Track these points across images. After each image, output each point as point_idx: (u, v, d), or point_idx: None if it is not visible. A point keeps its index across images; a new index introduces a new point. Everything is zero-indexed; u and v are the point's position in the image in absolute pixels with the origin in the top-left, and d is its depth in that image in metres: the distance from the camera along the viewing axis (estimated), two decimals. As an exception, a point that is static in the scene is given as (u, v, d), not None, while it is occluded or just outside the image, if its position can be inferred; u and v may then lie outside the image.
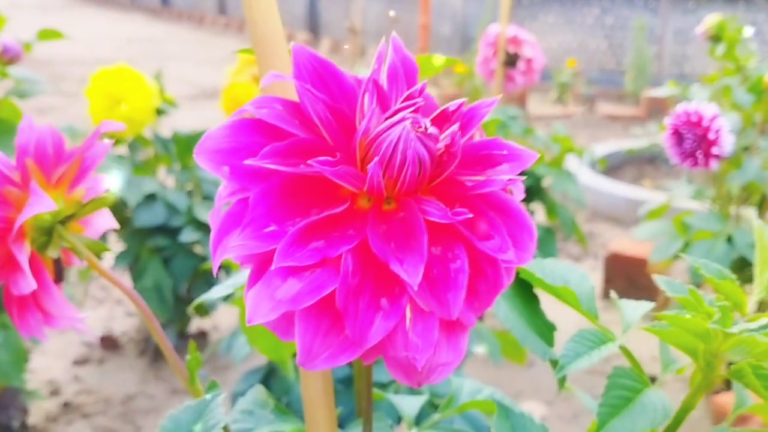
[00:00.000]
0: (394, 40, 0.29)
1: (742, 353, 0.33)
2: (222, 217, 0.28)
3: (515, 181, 0.28)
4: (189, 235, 1.35)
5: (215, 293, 0.43)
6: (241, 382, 0.93)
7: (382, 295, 0.26)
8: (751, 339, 0.31)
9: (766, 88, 1.20)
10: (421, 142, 0.26)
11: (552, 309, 0.44)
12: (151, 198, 1.36)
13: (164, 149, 1.41)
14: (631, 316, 0.40)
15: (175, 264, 1.38)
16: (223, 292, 0.43)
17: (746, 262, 1.13)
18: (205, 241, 1.37)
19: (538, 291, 0.41)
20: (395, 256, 0.26)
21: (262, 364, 0.97)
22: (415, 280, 0.25)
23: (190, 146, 1.40)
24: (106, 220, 0.41)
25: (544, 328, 0.38)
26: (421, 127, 0.27)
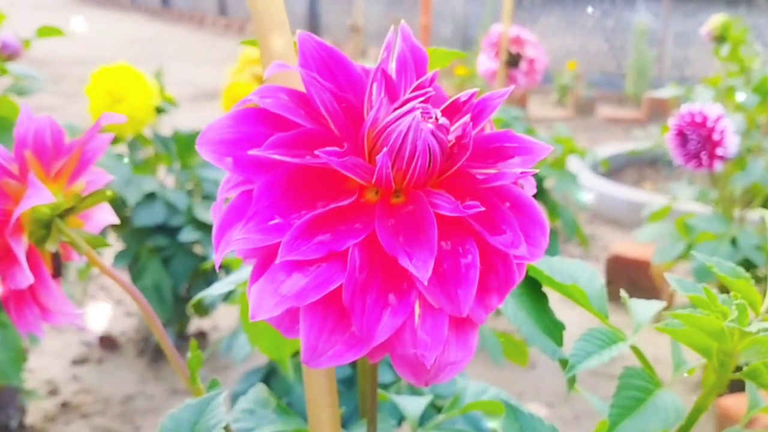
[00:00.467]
0: (403, 29, 0.29)
1: (758, 353, 0.32)
2: (225, 210, 0.27)
3: (528, 174, 0.27)
4: (189, 235, 1.34)
5: (216, 289, 0.43)
6: (241, 382, 0.92)
7: (390, 291, 0.26)
8: (768, 339, 0.31)
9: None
10: (431, 133, 0.26)
11: (555, 310, 0.44)
12: (150, 197, 1.35)
13: (164, 148, 1.40)
14: (642, 315, 0.39)
15: (175, 264, 1.37)
16: (224, 288, 0.42)
17: (751, 264, 1.13)
18: (205, 240, 1.36)
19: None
20: (404, 250, 0.25)
21: (262, 365, 0.96)
22: (424, 274, 0.24)
23: (191, 145, 1.39)
24: (106, 215, 0.40)
25: (553, 327, 0.37)
26: (432, 118, 0.26)
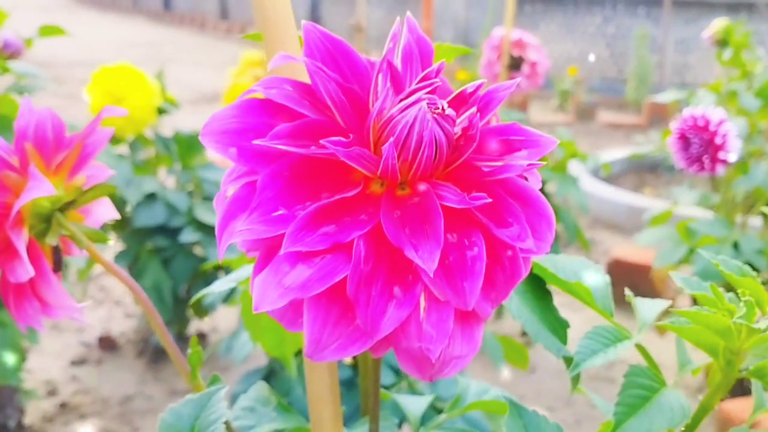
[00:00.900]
0: (409, 20, 0.28)
1: (766, 351, 0.31)
2: (228, 202, 0.27)
3: (534, 166, 0.27)
4: (189, 236, 1.33)
5: (217, 287, 0.42)
6: (241, 383, 0.92)
7: (395, 283, 0.25)
8: (776, 336, 0.30)
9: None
10: (437, 124, 0.25)
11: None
12: (151, 198, 1.35)
13: (165, 149, 1.39)
14: (647, 314, 0.38)
15: (175, 265, 1.37)
16: (225, 285, 0.42)
17: (753, 269, 1.12)
18: (205, 241, 1.35)
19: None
20: (410, 241, 0.25)
21: (261, 366, 0.96)
22: (431, 266, 0.24)
23: (192, 146, 1.39)
24: (106, 210, 0.40)
25: (557, 325, 0.37)
26: (438, 108, 0.25)
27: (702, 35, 1.31)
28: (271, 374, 0.92)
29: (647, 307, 0.39)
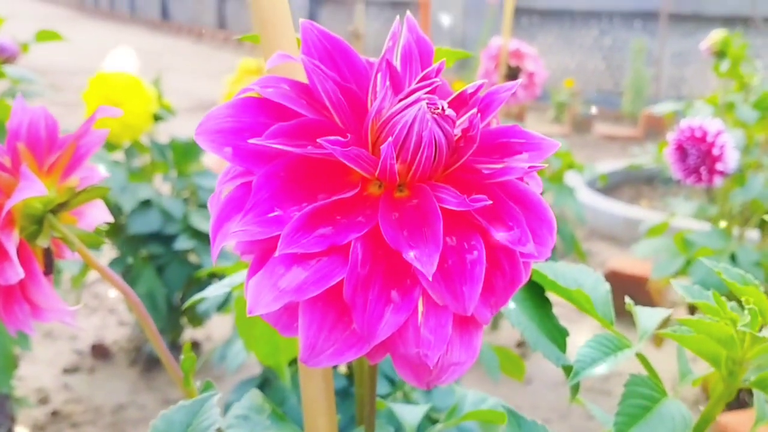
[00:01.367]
0: (409, 19, 0.28)
1: (770, 360, 0.31)
2: (223, 202, 0.26)
3: (536, 169, 0.26)
4: (184, 243, 1.33)
5: (211, 292, 0.42)
6: (234, 392, 0.91)
7: (392, 287, 0.25)
8: (779, 345, 0.30)
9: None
10: (437, 125, 0.25)
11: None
12: (146, 204, 1.34)
13: (161, 156, 1.39)
14: (647, 323, 0.38)
15: (169, 272, 1.36)
16: (220, 290, 0.41)
17: (750, 281, 1.12)
18: (200, 249, 1.35)
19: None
20: (408, 244, 0.24)
21: (255, 375, 0.95)
22: (429, 269, 0.24)
23: (188, 153, 1.38)
24: (100, 213, 0.39)
25: (557, 333, 0.36)
26: (438, 109, 0.25)
27: (699, 48, 1.31)
28: (265, 383, 0.91)
29: (647, 316, 0.38)
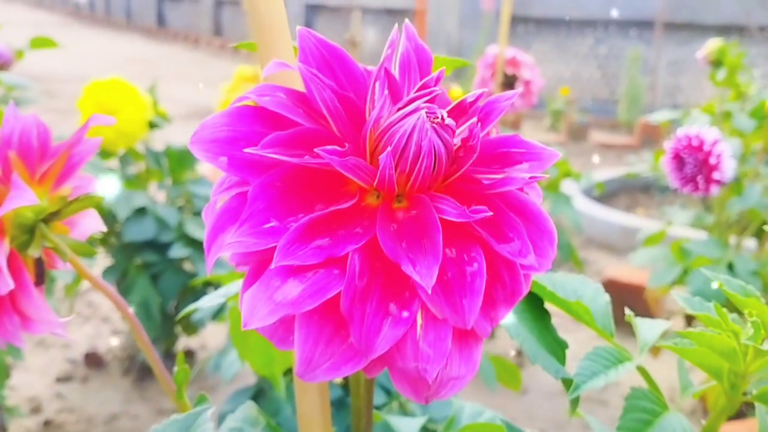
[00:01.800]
0: (407, 28, 0.27)
1: (773, 374, 0.30)
2: (218, 213, 0.26)
3: (536, 180, 0.26)
4: (178, 251, 1.32)
5: (205, 302, 0.41)
6: (229, 402, 0.90)
7: (391, 300, 0.24)
8: (783, 359, 0.29)
9: (768, 114, 1.19)
10: (436, 134, 0.24)
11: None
12: (140, 212, 1.33)
13: (156, 164, 1.38)
14: (647, 335, 0.37)
15: (164, 281, 1.35)
16: (214, 301, 0.41)
17: (747, 290, 1.11)
18: (195, 257, 1.34)
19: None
20: (407, 256, 0.24)
21: (250, 385, 0.94)
22: (428, 282, 0.23)
23: (183, 161, 1.37)
24: (93, 222, 0.39)
25: (556, 345, 0.36)
26: (437, 118, 0.25)
27: (694, 56, 1.31)
28: (259, 394, 0.90)
29: (647, 328, 0.38)
